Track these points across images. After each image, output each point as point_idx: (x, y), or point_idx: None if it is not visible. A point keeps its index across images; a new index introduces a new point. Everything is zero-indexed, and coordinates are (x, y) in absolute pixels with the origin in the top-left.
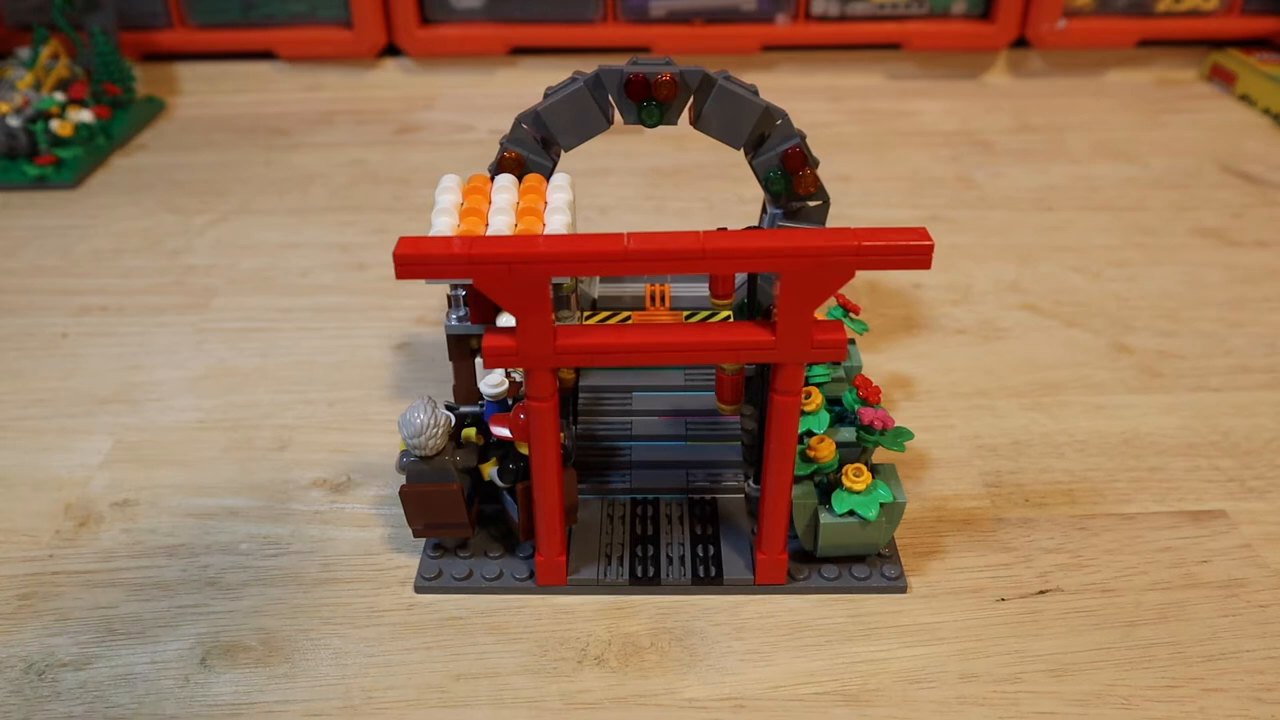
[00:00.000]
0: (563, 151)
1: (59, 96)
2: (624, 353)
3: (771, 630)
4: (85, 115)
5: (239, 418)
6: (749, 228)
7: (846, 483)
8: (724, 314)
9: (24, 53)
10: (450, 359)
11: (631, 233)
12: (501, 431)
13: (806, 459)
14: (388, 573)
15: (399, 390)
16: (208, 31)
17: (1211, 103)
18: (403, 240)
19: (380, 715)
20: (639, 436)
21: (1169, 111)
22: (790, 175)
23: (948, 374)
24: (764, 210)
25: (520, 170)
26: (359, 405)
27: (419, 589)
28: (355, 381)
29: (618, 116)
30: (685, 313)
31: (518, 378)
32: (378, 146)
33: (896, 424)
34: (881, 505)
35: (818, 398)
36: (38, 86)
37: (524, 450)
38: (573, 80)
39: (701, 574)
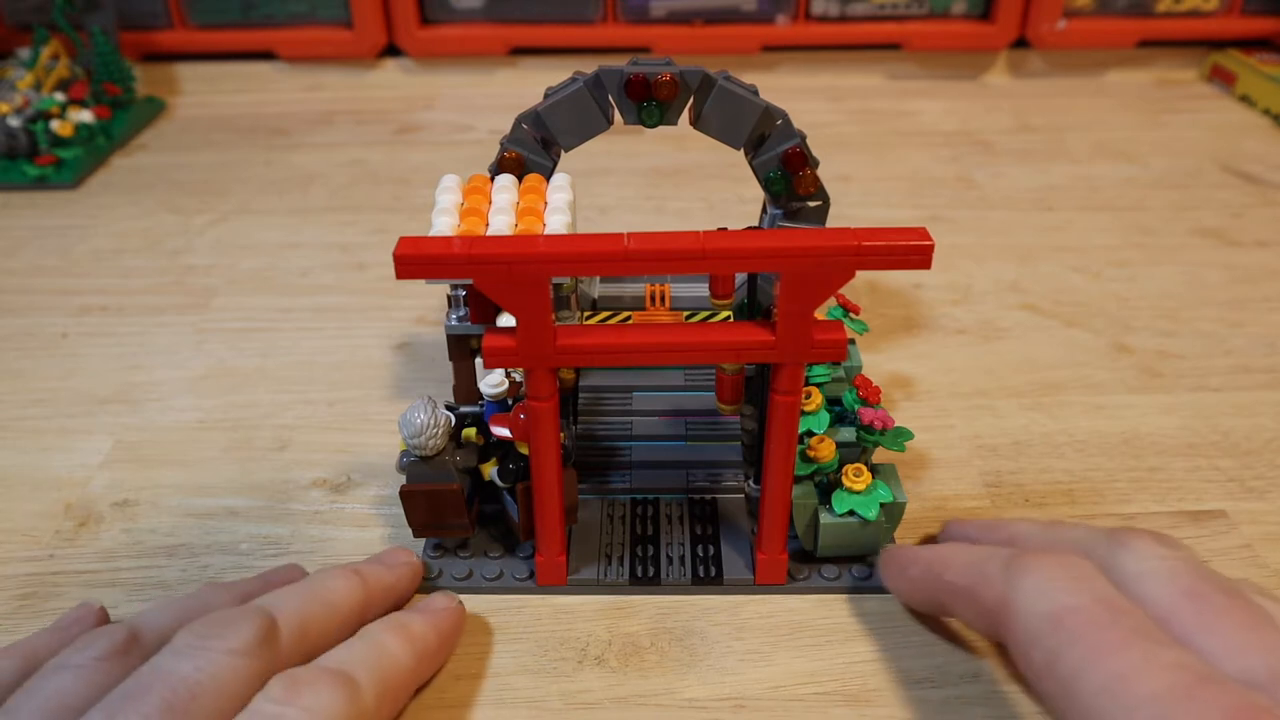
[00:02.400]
0: (563, 152)
1: (59, 96)
2: (624, 353)
3: (771, 630)
4: (85, 115)
5: (239, 418)
6: (749, 228)
7: (846, 483)
8: (724, 314)
9: (24, 53)
10: (450, 359)
11: (631, 233)
12: (501, 431)
13: (806, 459)
14: None
15: (399, 390)
16: (208, 31)
17: (1211, 103)
18: (403, 240)
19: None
20: (639, 436)
21: (1169, 111)
22: (790, 175)
23: (948, 374)
24: (764, 210)
25: (520, 170)
26: (359, 405)
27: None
28: (355, 381)
29: (618, 116)
30: (685, 313)
31: (518, 378)
32: (378, 146)
33: (896, 424)
34: (881, 505)
35: (818, 398)
36: (38, 86)
37: (524, 450)
38: (573, 80)
39: (701, 574)
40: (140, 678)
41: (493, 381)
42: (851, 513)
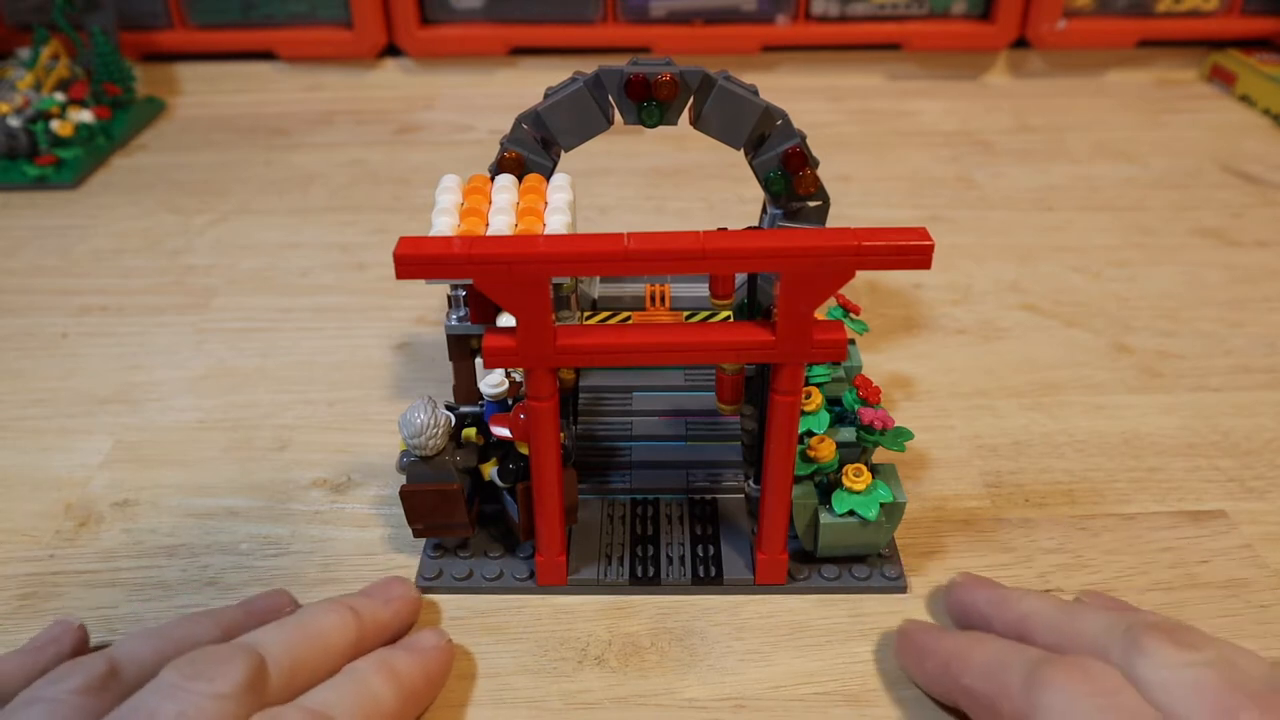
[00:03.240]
0: (563, 152)
1: (59, 97)
2: (624, 353)
3: (771, 630)
4: (85, 115)
5: (239, 418)
6: (749, 228)
7: (846, 483)
8: (724, 314)
9: (24, 53)
10: (450, 359)
11: (631, 233)
12: (501, 431)
13: (806, 459)
14: (388, 573)
15: (399, 390)
16: (208, 31)
17: (1211, 103)
18: (403, 240)
19: None
20: (639, 436)
21: (1169, 111)
22: (790, 175)
23: (948, 374)
24: (764, 210)
25: (520, 170)
26: (359, 405)
27: (419, 589)
28: (355, 381)
29: (618, 116)
30: (685, 313)
31: (518, 378)
32: (378, 146)
33: (896, 424)
34: (881, 505)
35: (818, 398)
36: (38, 87)
37: (524, 450)
38: (573, 80)
39: (701, 574)
40: (120, 717)
41: (493, 381)
42: (851, 513)
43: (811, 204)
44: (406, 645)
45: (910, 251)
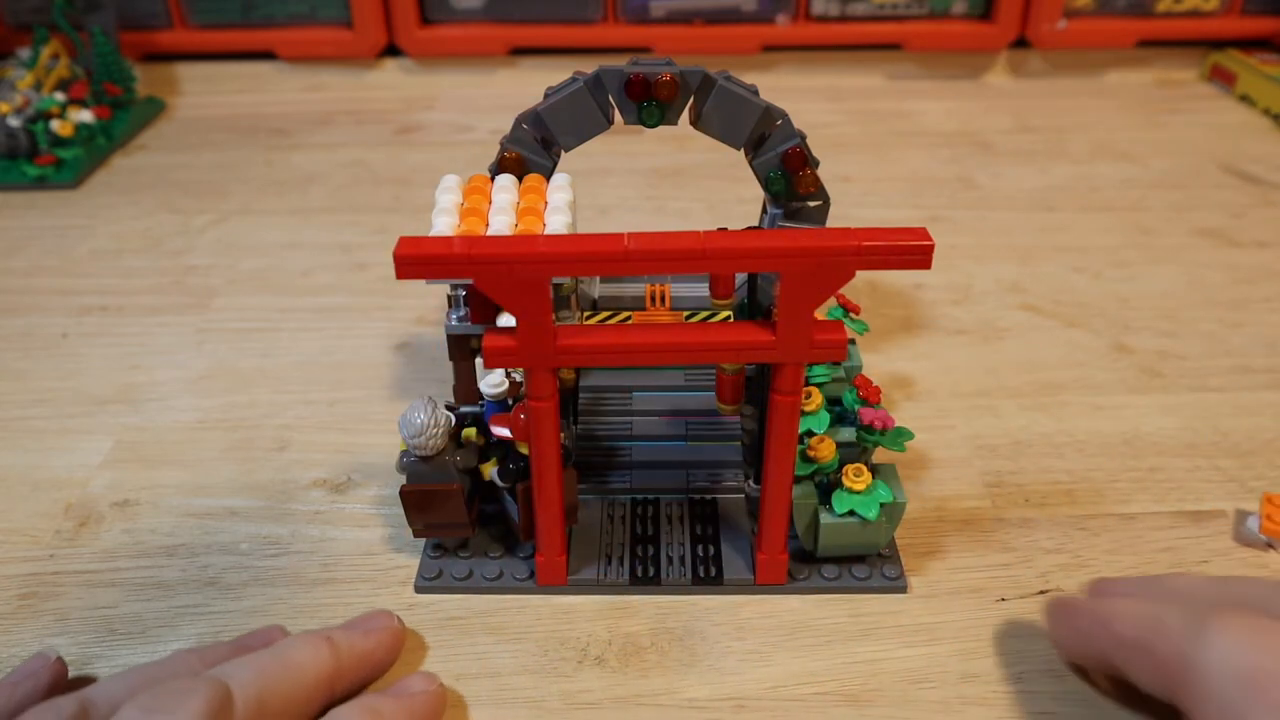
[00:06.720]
0: (563, 152)
1: (59, 96)
2: (624, 353)
3: (771, 630)
4: (85, 115)
5: (239, 418)
6: (749, 228)
7: (846, 483)
8: (724, 314)
9: (24, 53)
10: (450, 359)
11: (631, 233)
12: (501, 431)
13: (806, 459)
14: (388, 573)
15: (399, 390)
16: (208, 32)
17: (1211, 103)
18: (403, 240)
19: None
20: (639, 436)
21: (1169, 111)
22: (790, 175)
23: (948, 374)
24: (764, 210)
25: (520, 170)
26: (359, 405)
27: (419, 589)
28: (355, 381)
29: (618, 116)
30: (685, 313)
31: (518, 378)
32: (378, 147)
33: (896, 424)
34: (881, 505)
35: (818, 398)
36: (38, 87)
37: (524, 450)
38: (573, 80)
39: (701, 574)
40: None
41: (493, 381)
42: (851, 513)
43: (811, 204)
44: (395, 691)
45: (910, 251)
